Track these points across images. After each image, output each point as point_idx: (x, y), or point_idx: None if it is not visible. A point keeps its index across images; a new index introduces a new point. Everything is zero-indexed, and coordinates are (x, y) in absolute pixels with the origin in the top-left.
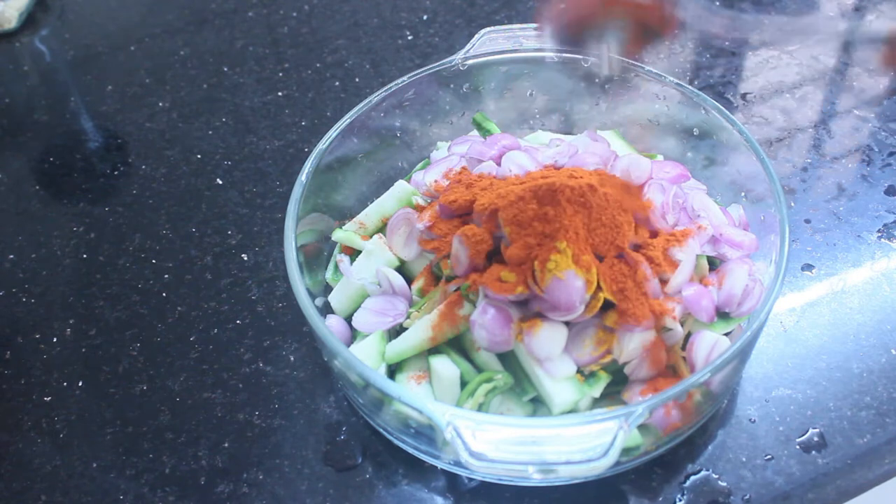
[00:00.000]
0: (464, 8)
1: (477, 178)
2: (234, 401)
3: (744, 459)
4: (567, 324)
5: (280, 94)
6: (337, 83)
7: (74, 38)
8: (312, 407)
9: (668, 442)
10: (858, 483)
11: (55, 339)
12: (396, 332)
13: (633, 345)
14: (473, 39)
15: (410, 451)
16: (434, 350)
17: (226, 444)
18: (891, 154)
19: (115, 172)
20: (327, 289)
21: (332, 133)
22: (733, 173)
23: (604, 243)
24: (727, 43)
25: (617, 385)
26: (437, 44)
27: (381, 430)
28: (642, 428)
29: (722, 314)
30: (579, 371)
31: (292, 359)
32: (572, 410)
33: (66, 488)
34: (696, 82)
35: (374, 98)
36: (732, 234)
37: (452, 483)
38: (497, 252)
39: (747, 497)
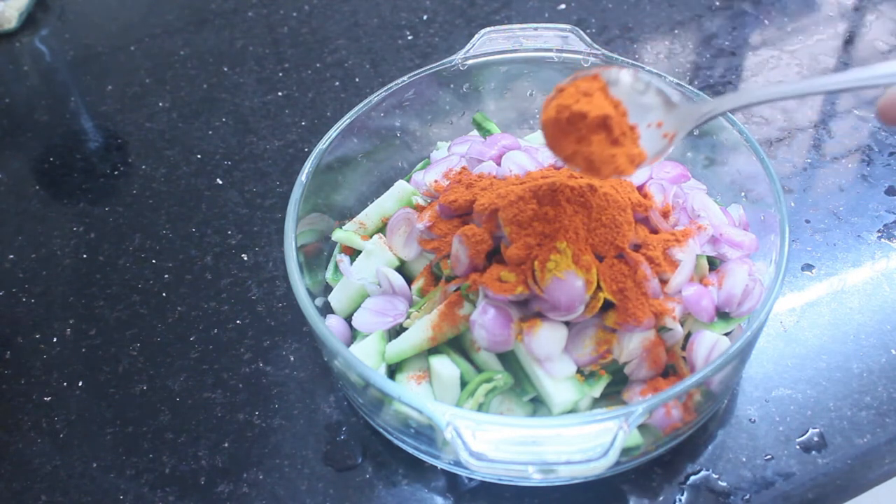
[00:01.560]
0: (464, 8)
1: (477, 178)
2: (234, 401)
3: (744, 459)
4: (567, 324)
5: (280, 94)
6: (337, 83)
7: (74, 38)
8: (312, 407)
9: (668, 442)
10: (858, 483)
11: (55, 339)
12: (396, 332)
13: (633, 345)
14: (473, 39)
15: (410, 451)
16: (434, 350)
17: (226, 444)
18: (891, 154)
19: (115, 172)
20: (327, 289)
21: (332, 133)
22: (733, 173)
23: (604, 243)
24: (727, 43)
25: (617, 385)
26: (437, 44)
27: (381, 430)
28: (642, 428)
29: (722, 314)
30: (579, 371)
31: (292, 359)
32: (572, 410)
33: (66, 488)
34: (696, 82)
35: (374, 98)
36: (732, 234)
37: (452, 483)
38: (497, 252)
39: (747, 497)
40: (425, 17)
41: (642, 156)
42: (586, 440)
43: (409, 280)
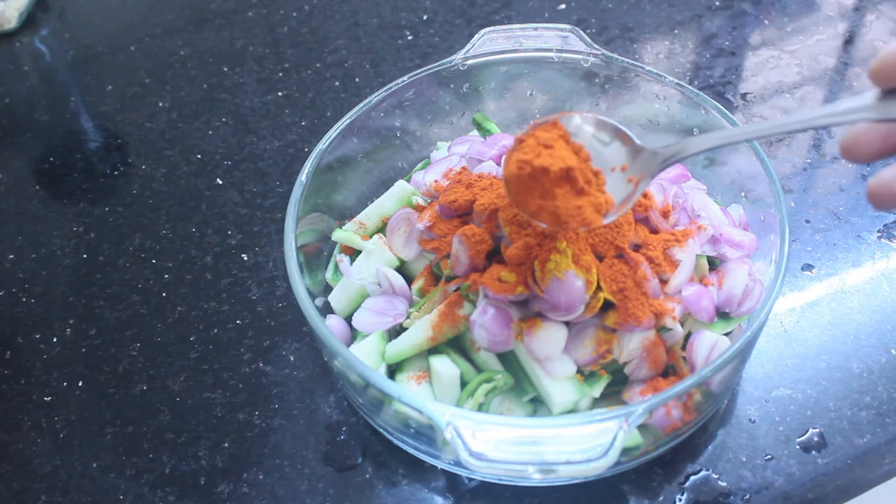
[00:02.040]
0: (464, 8)
1: (477, 178)
2: (234, 401)
3: (744, 459)
4: (567, 324)
5: (280, 94)
6: (337, 83)
7: (74, 38)
8: (312, 407)
9: (668, 442)
10: (858, 483)
11: (55, 339)
12: (396, 332)
13: (633, 345)
14: (473, 39)
15: (410, 451)
16: (434, 350)
17: (226, 444)
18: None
19: (115, 172)
20: (327, 289)
21: (332, 133)
22: (733, 173)
23: (604, 243)
24: (727, 43)
25: (617, 385)
26: (437, 44)
27: (381, 430)
28: (642, 428)
29: (722, 314)
30: (579, 371)
31: (292, 359)
32: (572, 410)
33: (66, 488)
34: (696, 82)
35: (374, 98)
36: (732, 234)
37: (452, 483)
38: (497, 252)
39: (747, 497)
40: (425, 17)
41: (609, 203)
42: (586, 440)
43: (409, 280)
